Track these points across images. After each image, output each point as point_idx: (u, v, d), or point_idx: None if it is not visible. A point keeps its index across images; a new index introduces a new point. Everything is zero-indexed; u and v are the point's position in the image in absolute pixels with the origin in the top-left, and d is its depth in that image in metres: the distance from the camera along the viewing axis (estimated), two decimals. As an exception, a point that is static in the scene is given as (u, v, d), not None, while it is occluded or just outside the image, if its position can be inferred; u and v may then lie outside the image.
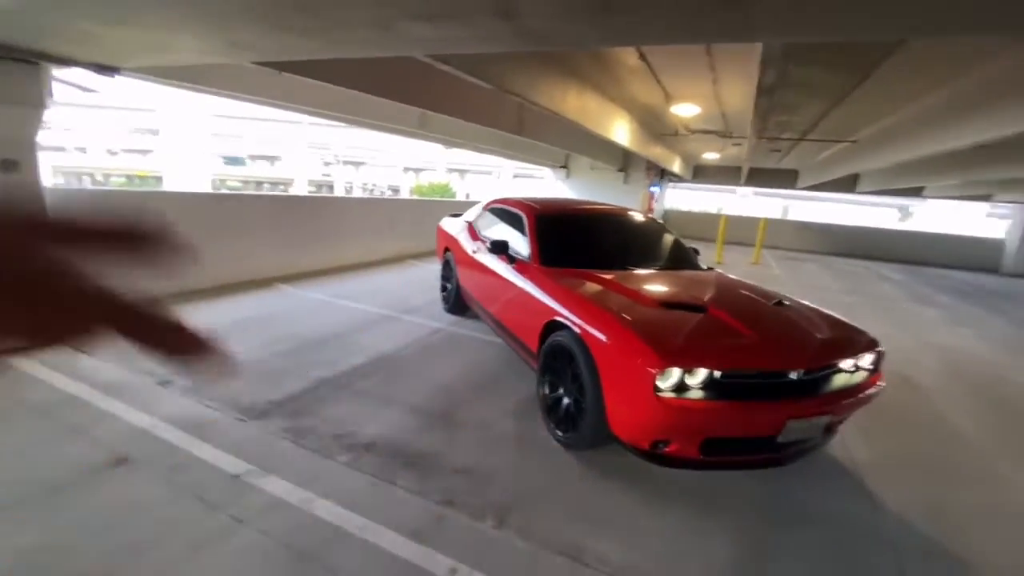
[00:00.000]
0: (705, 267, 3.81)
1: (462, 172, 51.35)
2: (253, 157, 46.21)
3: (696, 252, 4.02)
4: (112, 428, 2.61)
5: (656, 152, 10.64)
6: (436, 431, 2.83)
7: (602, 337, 2.43)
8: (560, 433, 2.75)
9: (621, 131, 7.64)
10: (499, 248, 3.62)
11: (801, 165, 14.32)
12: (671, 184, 17.56)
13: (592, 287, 2.93)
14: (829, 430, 2.56)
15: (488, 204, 4.77)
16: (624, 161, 13.27)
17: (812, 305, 2.98)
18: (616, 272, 3.23)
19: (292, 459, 2.46)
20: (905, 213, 38.02)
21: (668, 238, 4.03)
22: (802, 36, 1.75)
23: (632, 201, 13.42)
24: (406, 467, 2.46)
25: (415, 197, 12.19)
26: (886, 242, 15.93)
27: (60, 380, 3.05)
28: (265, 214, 5.95)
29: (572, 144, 9.64)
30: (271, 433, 2.68)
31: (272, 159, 48.06)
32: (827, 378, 2.39)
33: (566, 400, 2.75)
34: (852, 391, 2.44)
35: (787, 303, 2.91)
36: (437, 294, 5.74)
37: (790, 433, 2.28)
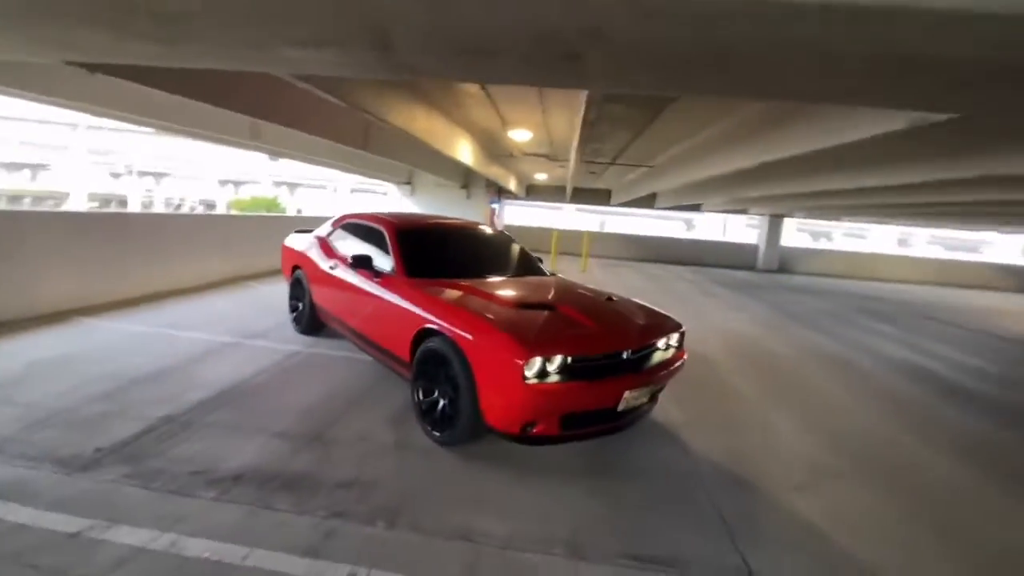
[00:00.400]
0: (548, 273, 4.34)
1: (291, 186, 47.22)
2: (2, 165, 36.50)
3: (540, 260, 4.55)
4: None
5: (495, 171, 11.43)
6: (310, 452, 2.77)
7: (473, 338, 2.69)
8: (437, 433, 2.92)
9: (464, 151, 8.10)
10: (362, 263, 3.66)
11: (613, 185, 16.63)
12: (508, 201, 18.84)
13: (457, 294, 3.18)
14: (653, 398, 3.19)
15: (340, 220, 4.71)
16: (466, 179, 13.91)
17: (633, 299, 3.66)
18: (476, 280, 3.54)
19: (144, 505, 2.21)
20: (690, 225, 46.53)
21: (516, 248, 4.48)
22: (615, 89, 2.24)
23: (475, 216, 14.09)
24: (284, 491, 2.39)
25: (248, 213, 10.93)
26: (681, 249, 19.33)
27: None
28: (46, 234, 4.92)
29: (417, 161, 9.84)
30: (109, 482, 2.35)
31: (35, 168, 38.48)
32: (649, 355, 2.99)
33: (442, 402, 2.94)
34: (666, 364, 3.09)
35: (615, 298, 3.53)
36: (286, 315, 5.41)
37: (626, 403, 2.81)
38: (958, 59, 1.41)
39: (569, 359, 2.60)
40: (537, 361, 2.50)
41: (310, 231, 5.47)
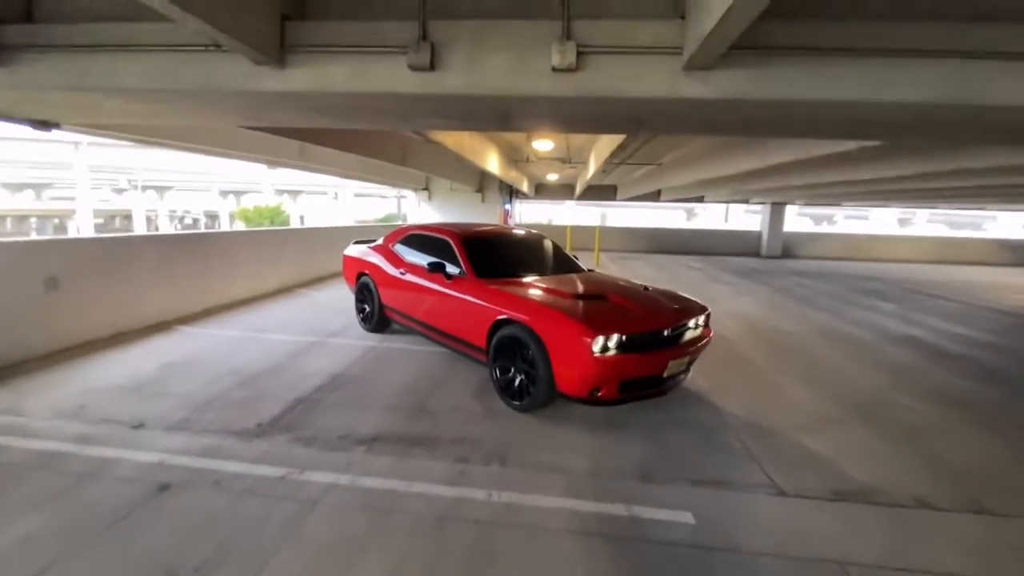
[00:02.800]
0: (586, 269, 5.04)
1: (293, 193, 47.70)
2: (6, 185, 37.18)
3: (576, 258, 5.27)
4: (123, 469, 2.76)
5: (512, 175, 12.15)
6: (421, 420, 3.51)
7: (548, 324, 3.41)
8: (516, 403, 3.65)
9: (492, 161, 8.82)
10: (438, 268, 4.38)
11: (620, 181, 17.32)
12: (518, 200, 19.58)
13: (525, 290, 3.90)
14: (687, 368, 3.91)
15: (401, 233, 5.43)
16: (480, 183, 14.62)
17: (663, 288, 4.37)
18: (533, 278, 4.27)
19: (317, 458, 2.94)
20: (691, 213, 46.93)
21: (557, 249, 5.20)
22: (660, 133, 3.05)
23: (490, 217, 14.82)
24: (414, 446, 3.12)
25: (293, 228, 11.38)
26: (685, 239, 20.02)
27: (23, 443, 2.99)
28: (148, 255, 5.67)
29: (442, 170, 10.56)
30: (281, 445, 3.08)
31: (38, 187, 39.16)
32: (684, 332, 3.71)
33: (518, 377, 3.67)
34: (698, 339, 3.81)
35: (650, 288, 4.25)
36: (349, 317, 6.16)
37: (669, 370, 3.53)
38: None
39: (624, 337, 3.32)
40: (600, 340, 3.22)
41: (369, 242, 6.22)
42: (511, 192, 16.36)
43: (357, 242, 6.28)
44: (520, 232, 5.33)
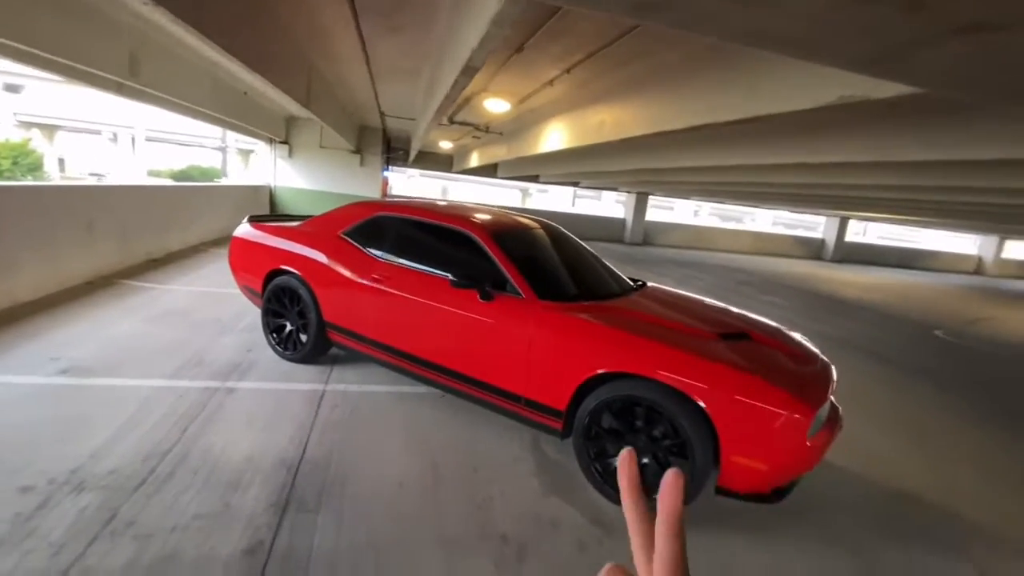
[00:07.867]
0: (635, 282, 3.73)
1: (48, 128, 35.11)
2: None
3: None
4: None
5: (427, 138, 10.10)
6: (517, 565, 2.00)
7: (722, 389, 2.17)
8: (641, 502, 2.36)
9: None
10: (468, 284, 2.74)
11: (503, 161, 16.21)
12: (393, 169, 17.14)
13: (632, 325, 2.56)
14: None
15: (357, 215, 3.53)
16: (359, 140, 12.01)
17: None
18: (612, 300, 2.96)
19: None
20: (526, 193, 46.92)
21: (593, 253, 3.92)
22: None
23: (371, 187, 12.42)
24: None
25: (110, 183, 7.40)
26: (561, 222, 19.99)
27: None
28: None
29: (330, 117, 8.01)
30: None
31: None
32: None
33: (642, 460, 2.38)
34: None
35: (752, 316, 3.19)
36: (243, 335, 4.04)
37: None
38: None
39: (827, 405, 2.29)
40: (814, 416, 2.13)
41: (274, 219, 4.15)
42: (389, 159, 14.01)
43: (253, 219, 4.08)
44: (541, 221, 3.90)
